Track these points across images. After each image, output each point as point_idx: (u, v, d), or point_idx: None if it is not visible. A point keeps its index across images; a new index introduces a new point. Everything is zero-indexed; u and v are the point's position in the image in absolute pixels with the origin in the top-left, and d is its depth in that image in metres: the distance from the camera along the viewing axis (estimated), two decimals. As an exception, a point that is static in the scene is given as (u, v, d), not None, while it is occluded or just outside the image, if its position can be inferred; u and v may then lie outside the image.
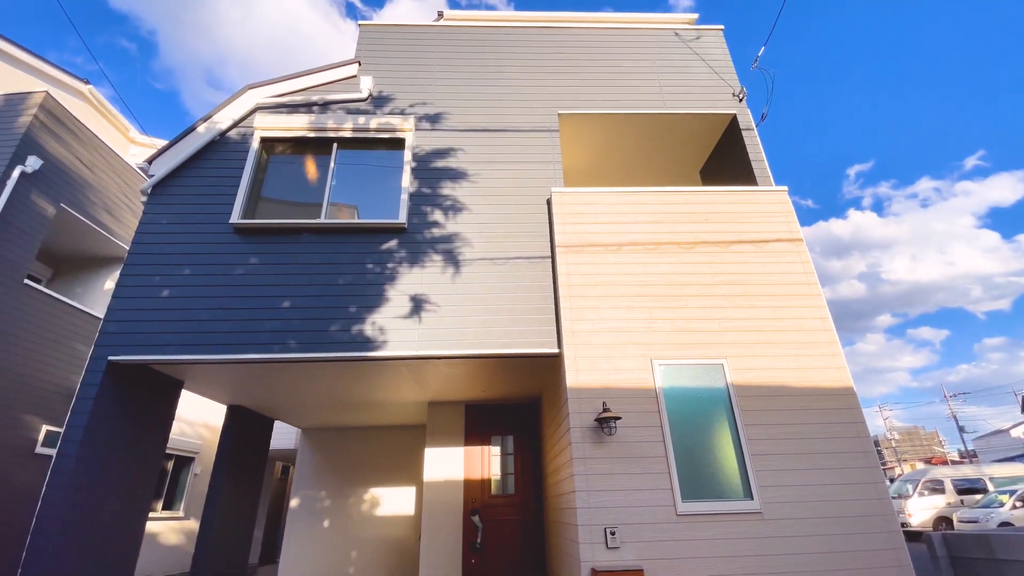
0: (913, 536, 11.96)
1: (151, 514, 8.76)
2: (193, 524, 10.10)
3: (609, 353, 4.63)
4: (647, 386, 4.50)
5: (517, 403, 7.24)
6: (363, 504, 8.61)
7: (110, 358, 4.63)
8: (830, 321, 4.91)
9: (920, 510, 14.08)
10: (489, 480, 6.80)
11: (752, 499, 4.11)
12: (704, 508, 4.06)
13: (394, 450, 8.97)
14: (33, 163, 7.46)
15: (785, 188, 5.66)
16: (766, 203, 5.52)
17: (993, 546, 4.23)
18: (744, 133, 6.36)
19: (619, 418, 4.17)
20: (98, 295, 9.46)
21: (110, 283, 9.58)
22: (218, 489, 6.46)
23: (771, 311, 4.90)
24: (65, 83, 9.99)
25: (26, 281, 7.46)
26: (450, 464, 6.86)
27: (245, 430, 7.10)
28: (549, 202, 5.53)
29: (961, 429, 42.52)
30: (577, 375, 4.53)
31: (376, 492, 8.70)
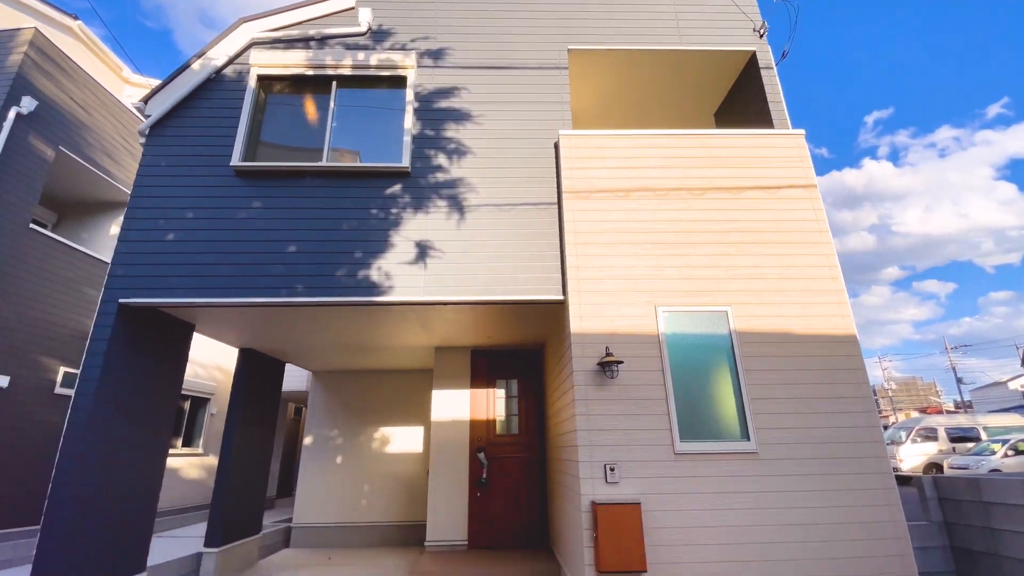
0: (903, 480, 12.42)
1: (172, 451, 9.22)
2: (212, 460, 10.62)
3: (614, 300, 4.64)
4: (650, 332, 4.54)
5: (521, 349, 7.37)
6: (373, 442, 8.98)
7: (121, 301, 4.69)
8: (838, 269, 4.86)
9: (911, 456, 14.52)
10: (494, 421, 7.04)
11: (749, 440, 4.24)
12: (701, 448, 4.19)
13: (402, 392, 9.25)
14: (28, 104, 7.28)
15: (802, 132, 5.44)
16: (782, 147, 5.33)
17: (982, 489, 4.38)
18: (763, 72, 6.05)
19: (621, 362, 4.24)
20: (104, 240, 9.49)
21: (115, 228, 9.58)
22: (233, 427, 6.73)
23: (779, 259, 4.85)
24: (53, 19, 9.56)
25: (31, 226, 7.47)
26: (456, 405, 7.08)
27: (257, 372, 7.30)
28: (556, 145, 5.37)
29: (959, 380, 43.14)
30: (581, 321, 4.56)
31: (386, 431, 9.05)
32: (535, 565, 5.47)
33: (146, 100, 5.51)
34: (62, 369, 7.78)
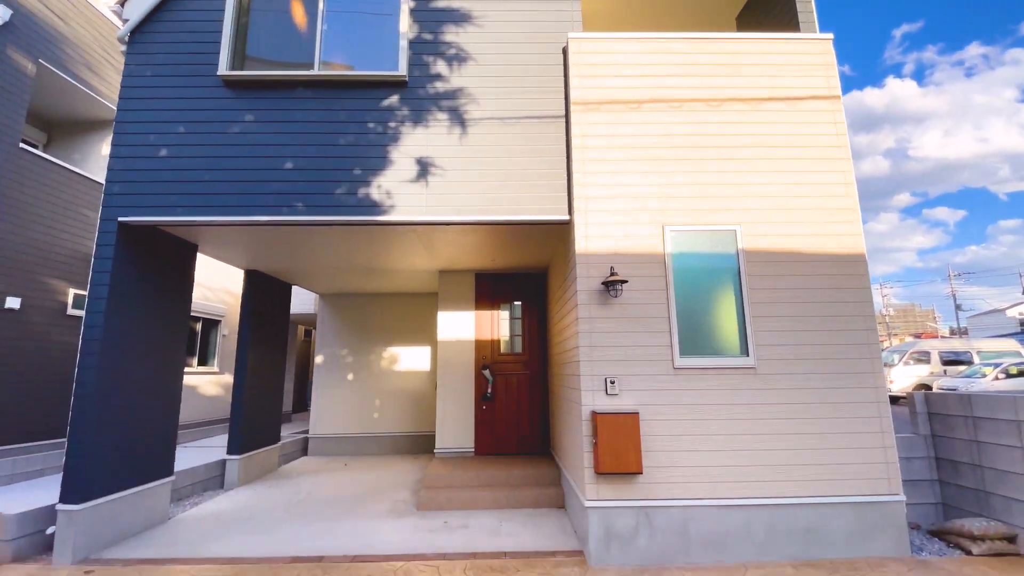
0: (893, 400, 12.89)
1: (189, 369, 9.59)
2: (229, 378, 11.08)
3: (620, 220, 4.54)
4: (656, 252, 4.49)
5: (525, 273, 7.37)
6: (383, 361, 9.30)
7: (120, 219, 4.64)
8: (854, 187, 4.70)
9: (902, 378, 14.98)
10: (498, 341, 7.22)
11: (748, 356, 4.33)
12: (700, 363, 4.30)
13: (409, 314, 9.43)
14: (3, 13, 6.77)
15: (830, 36, 5.03)
16: (807, 53, 4.95)
17: (973, 405, 4.52)
18: (793, -34, 5.47)
19: (626, 281, 4.23)
20: (98, 161, 9.24)
21: (106, 148, 9.30)
22: (245, 346, 6.95)
23: (794, 175, 4.67)
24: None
25: (22, 145, 7.24)
26: (462, 327, 7.22)
27: (264, 294, 7.40)
28: (565, 51, 5.00)
29: (958, 307, 43.55)
30: (587, 242, 4.50)
31: (394, 351, 9.34)
32: (538, 468, 5.85)
33: (122, 2, 5.10)
34: (71, 291, 7.89)
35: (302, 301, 10.90)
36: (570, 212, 4.69)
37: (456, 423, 6.96)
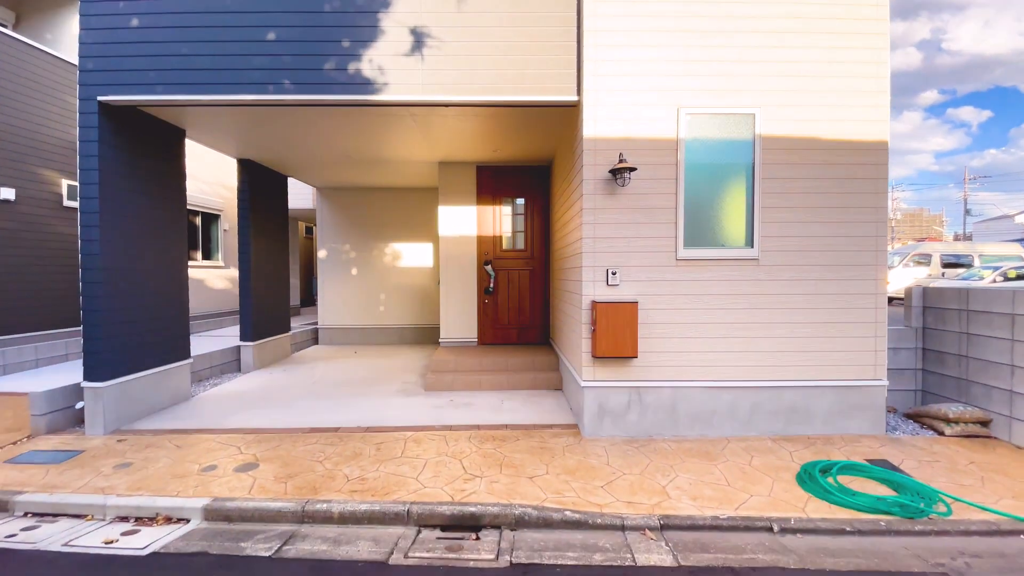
0: (888, 301, 13.09)
1: (194, 263, 9.69)
2: (235, 272, 11.25)
3: (633, 100, 4.24)
4: (668, 137, 4.25)
5: (528, 166, 7.10)
6: (385, 257, 9.35)
7: (99, 99, 4.34)
8: (886, 66, 4.31)
9: (901, 279, 15.13)
10: (500, 237, 7.16)
11: (752, 247, 4.29)
12: (703, 254, 4.27)
13: (410, 210, 9.29)
14: None
15: None
16: (860, -100, 4.26)
17: (970, 298, 4.56)
18: None
19: (634, 169, 4.05)
20: (72, 42, 8.52)
21: (77, 28, 8.50)
22: (246, 237, 6.92)
23: (822, 52, 4.27)
24: None
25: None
26: (463, 222, 7.13)
27: (259, 184, 7.21)
28: None
29: (967, 212, 42.77)
30: (596, 125, 4.24)
31: (396, 247, 9.35)
32: (537, 355, 6.12)
33: None
34: (64, 182, 7.70)
35: (299, 196, 10.69)
36: (579, 92, 4.37)
37: (459, 315, 7.15)
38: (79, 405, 4.60)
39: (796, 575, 2.55)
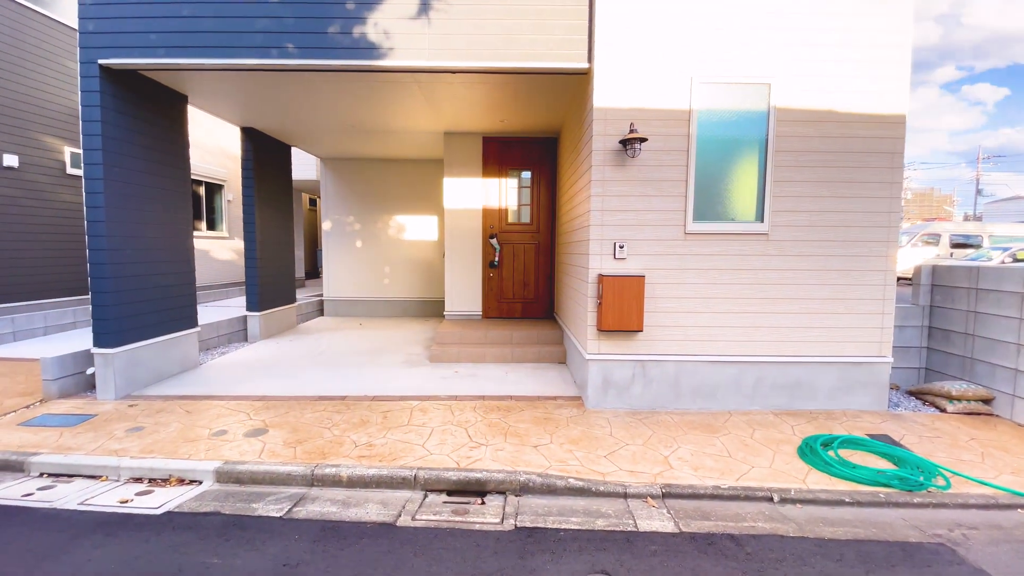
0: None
1: (199, 234, 9.67)
2: (239, 243, 11.25)
3: (645, 69, 4.13)
4: (680, 108, 4.15)
5: (535, 138, 6.98)
6: (390, 229, 9.31)
7: (100, 62, 4.26)
8: (909, 35, 4.17)
9: (909, 259, 15.00)
10: (506, 210, 7.10)
11: (762, 222, 4.24)
12: (712, 228, 4.23)
13: (415, 182, 9.20)
14: None
15: None
16: None
17: (980, 276, 4.52)
18: None
19: (645, 139, 3.98)
20: (72, 6, 8.30)
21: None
22: (251, 206, 6.89)
23: (844, 20, 4.12)
24: None
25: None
26: (469, 194, 7.06)
27: (263, 153, 7.13)
28: None
29: (978, 192, 42.06)
30: (606, 94, 4.14)
31: (401, 219, 9.29)
32: (542, 329, 6.15)
33: None
34: (68, 149, 7.64)
35: (303, 166, 10.59)
36: (590, 59, 4.25)
37: (464, 288, 7.15)
38: (90, 371, 4.67)
39: (795, 543, 2.61)
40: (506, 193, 7.08)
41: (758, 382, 4.35)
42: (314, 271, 14.77)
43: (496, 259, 7.08)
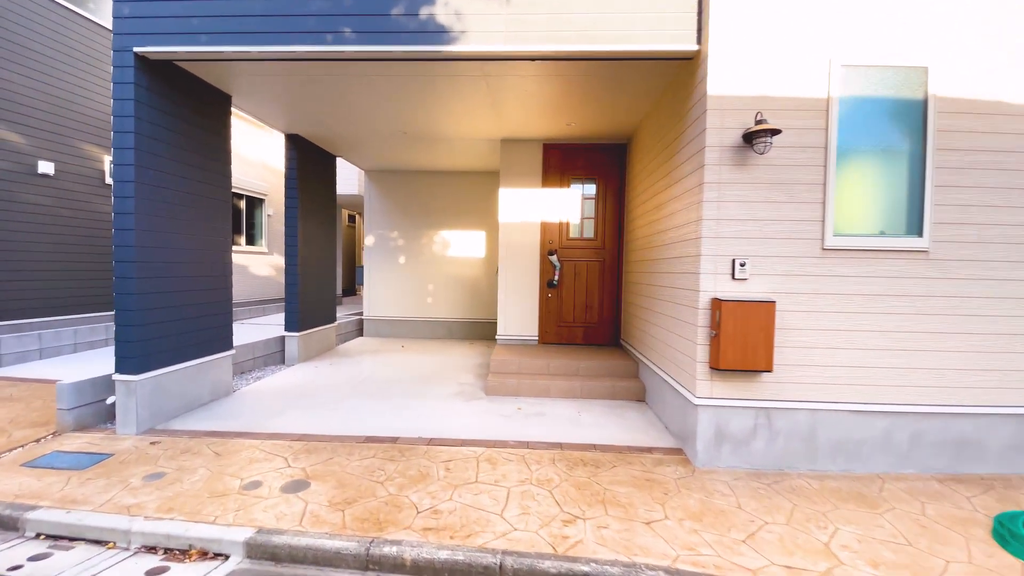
0: None
1: (238, 248, 9.31)
2: (278, 258, 10.88)
3: (771, 50, 3.38)
4: (816, 96, 3.37)
5: (602, 145, 6.29)
6: (435, 245, 8.72)
7: (135, 49, 3.79)
8: (1113, 4, 3.30)
9: None
10: (567, 224, 6.39)
11: (920, 236, 3.37)
12: (857, 243, 3.39)
13: (463, 195, 8.62)
14: None
15: None
16: None
17: None
18: None
19: (778, 131, 3.20)
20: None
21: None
22: (295, 223, 6.38)
23: (1028, -15, 3.30)
24: None
25: (24, -19, 6.26)
26: (527, 206, 6.39)
27: (308, 163, 6.66)
28: None
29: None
30: (722, 80, 3.40)
31: (447, 235, 8.70)
32: (612, 359, 5.33)
33: None
34: (107, 158, 7.36)
35: (344, 180, 10.20)
36: (699, 40, 3.54)
37: (519, 310, 6.43)
38: (110, 400, 4.11)
39: None
40: (568, 205, 6.37)
41: (914, 438, 3.43)
42: (351, 289, 14.34)
43: (555, 278, 6.34)
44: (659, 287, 4.48)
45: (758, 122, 3.21)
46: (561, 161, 6.37)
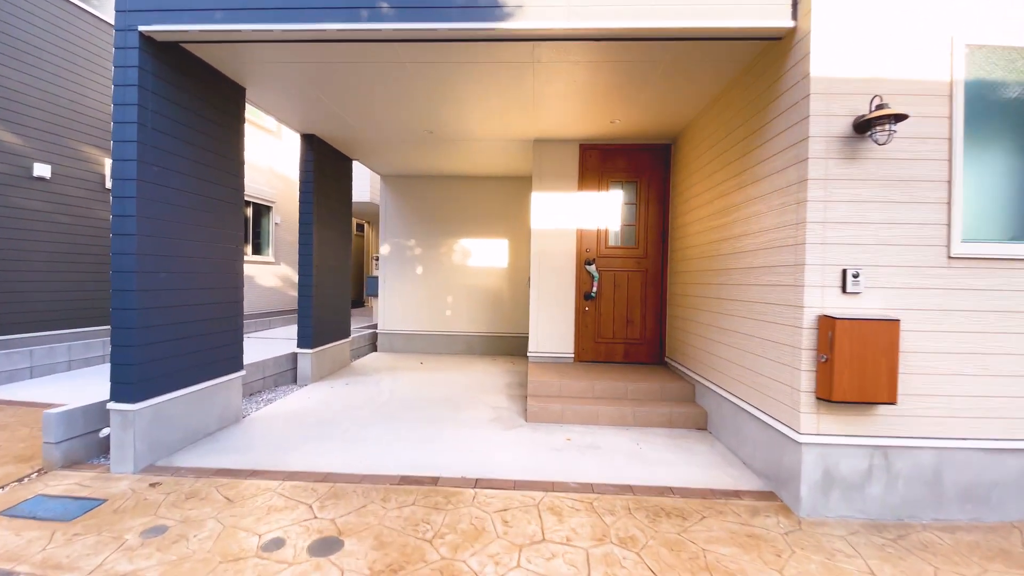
0: None
1: (244, 258, 8.80)
2: (286, 269, 10.37)
3: (881, 27, 2.89)
4: (937, 79, 2.87)
5: (643, 145, 5.80)
6: (454, 254, 8.21)
7: (141, 28, 3.31)
8: None
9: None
10: (605, 231, 5.88)
11: (1067, 243, 2.86)
12: (989, 251, 2.87)
13: (483, 201, 8.13)
14: None
15: None
16: None
17: None
18: None
19: (904, 117, 2.70)
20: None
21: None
22: (309, 230, 5.87)
23: None
24: None
25: (20, -30, 5.82)
26: (562, 212, 5.88)
27: (325, 166, 6.17)
28: None
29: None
30: (827, 60, 2.90)
31: (466, 243, 8.19)
32: (662, 380, 4.79)
33: None
34: (108, 161, 6.88)
35: (356, 188, 9.73)
36: (794, 16, 3.05)
37: (553, 325, 5.89)
38: (104, 432, 3.56)
39: None
40: (606, 210, 5.87)
41: (1059, 482, 2.88)
42: (359, 300, 13.82)
43: (593, 290, 5.82)
44: (730, 301, 3.95)
45: (878, 107, 2.71)
46: (599, 163, 5.88)
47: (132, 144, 3.31)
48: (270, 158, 9.95)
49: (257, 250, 9.78)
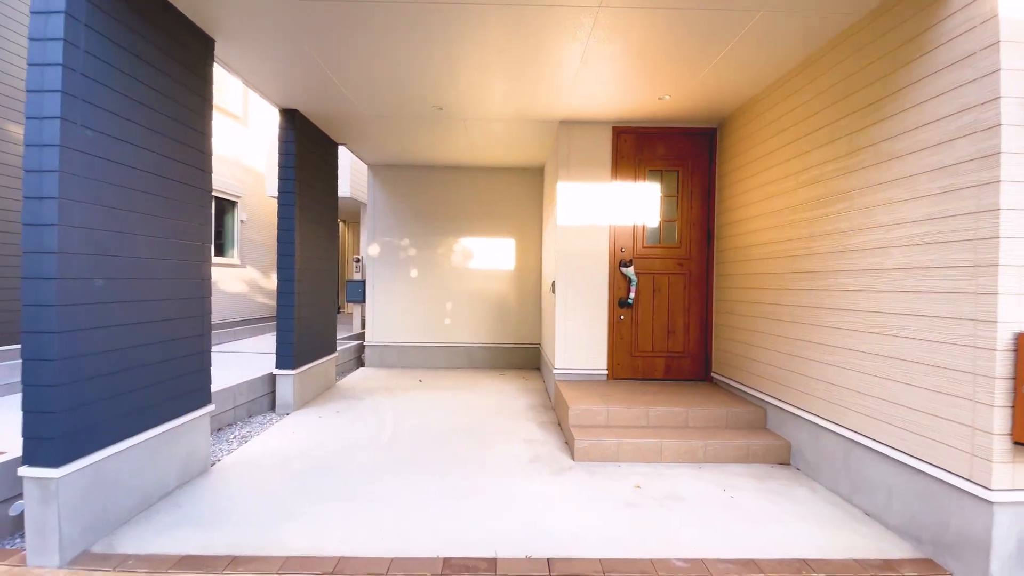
0: None
1: (206, 258, 7.62)
2: (252, 272, 9.19)
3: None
4: None
5: (685, 131, 5.09)
6: (454, 256, 7.30)
7: (64, -67, 2.30)
8: None
9: None
10: (643, 227, 5.13)
11: None
12: None
13: (487, 196, 7.26)
14: None
15: None
16: None
17: None
18: None
19: None
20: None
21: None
22: (290, 226, 4.86)
23: None
24: None
25: None
26: (593, 205, 5.10)
27: (308, 151, 5.17)
28: None
29: None
30: None
31: (468, 243, 7.29)
32: (722, 402, 4.06)
33: None
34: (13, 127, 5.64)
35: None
36: (966, -58, 2.35)
37: (581, 336, 5.09)
38: (15, 510, 2.51)
39: None
40: (643, 204, 5.12)
41: None
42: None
43: (631, 296, 5.04)
44: (835, 310, 3.22)
45: (1110, 54, 2.02)
46: (635, 149, 5.12)
47: (55, 95, 2.30)
48: (235, 147, 8.77)
49: (220, 251, 8.58)
